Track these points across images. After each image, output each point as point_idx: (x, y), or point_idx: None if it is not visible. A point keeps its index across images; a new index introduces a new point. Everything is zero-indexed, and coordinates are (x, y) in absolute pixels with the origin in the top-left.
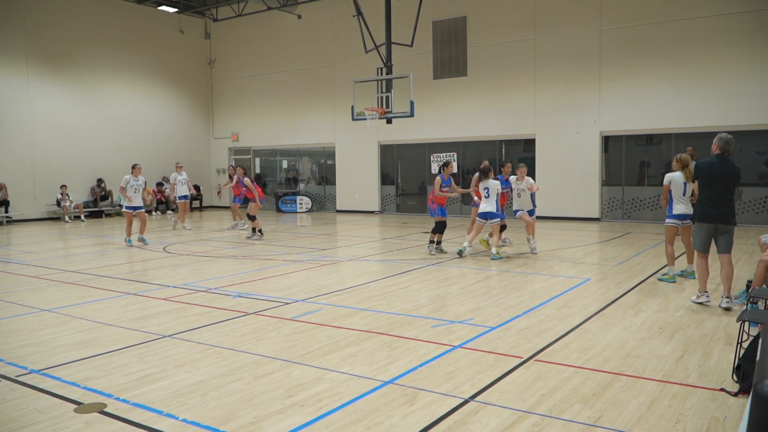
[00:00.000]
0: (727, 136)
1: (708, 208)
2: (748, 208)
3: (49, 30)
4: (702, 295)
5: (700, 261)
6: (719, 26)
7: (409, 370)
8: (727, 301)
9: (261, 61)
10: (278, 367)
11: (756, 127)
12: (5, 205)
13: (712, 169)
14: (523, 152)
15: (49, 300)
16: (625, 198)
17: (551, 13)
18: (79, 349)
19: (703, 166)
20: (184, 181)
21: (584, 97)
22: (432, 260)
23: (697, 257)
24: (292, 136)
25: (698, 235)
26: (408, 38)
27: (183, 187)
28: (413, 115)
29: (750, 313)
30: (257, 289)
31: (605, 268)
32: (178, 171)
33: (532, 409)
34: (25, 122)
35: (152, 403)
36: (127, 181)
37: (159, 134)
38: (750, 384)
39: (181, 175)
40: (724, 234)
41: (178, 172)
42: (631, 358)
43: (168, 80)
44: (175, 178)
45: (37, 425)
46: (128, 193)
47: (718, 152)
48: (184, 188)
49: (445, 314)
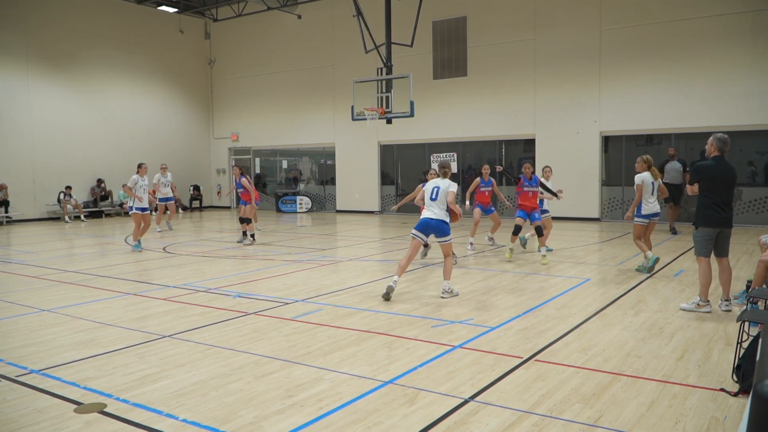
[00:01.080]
0: (724, 137)
1: (713, 212)
2: (748, 208)
3: (49, 30)
4: (705, 304)
5: (704, 267)
6: (719, 26)
7: (409, 370)
8: (727, 304)
9: (261, 61)
10: (278, 367)
11: (756, 127)
12: (5, 205)
13: (714, 172)
14: (523, 152)
15: (49, 300)
16: (625, 198)
17: (551, 13)
18: (79, 349)
19: (706, 169)
20: (167, 183)
21: (584, 97)
22: (432, 260)
23: (701, 263)
24: (292, 136)
25: (702, 241)
26: (408, 38)
27: (165, 189)
28: (413, 115)
29: (750, 313)
30: (257, 289)
31: (605, 268)
32: (162, 172)
33: (532, 409)
34: (25, 122)
35: (152, 403)
36: (135, 181)
37: (159, 134)
38: (750, 384)
39: (165, 177)
40: (725, 238)
41: (162, 173)
42: (631, 358)
43: (168, 80)
44: (158, 180)
45: (37, 425)
46: (137, 193)
47: (717, 154)
48: (166, 190)
49: (445, 314)
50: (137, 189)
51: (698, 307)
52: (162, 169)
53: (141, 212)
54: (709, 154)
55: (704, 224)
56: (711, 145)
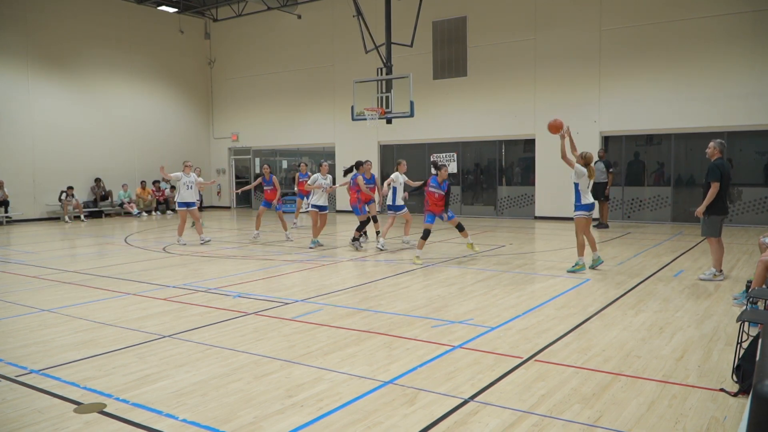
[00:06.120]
0: (723, 141)
1: (724, 203)
2: (748, 208)
3: (49, 30)
4: (719, 274)
5: (716, 245)
6: (719, 26)
7: (409, 370)
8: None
9: (261, 61)
10: (278, 367)
11: (756, 127)
12: (5, 205)
13: (725, 170)
14: (523, 152)
15: (49, 300)
16: (625, 198)
17: (551, 14)
18: (79, 349)
19: (722, 167)
20: (191, 185)
21: (584, 97)
22: (432, 260)
23: (713, 243)
24: (292, 136)
25: (716, 226)
26: (408, 38)
27: (188, 192)
28: (413, 115)
29: (750, 313)
30: (257, 289)
31: (605, 268)
32: (185, 171)
33: (532, 409)
34: (25, 122)
35: (152, 403)
36: (179, 178)
37: (159, 134)
38: (750, 384)
39: (189, 177)
40: (723, 222)
41: (186, 172)
42: (631, 358)
43: (168, 80)
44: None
45: (37, 425)
46: (181, 190)
47: (720, 155)
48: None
49: (445, 314)
50: (181, 186)
51: (715, 277)
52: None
53: (185, 208)
54: (711, 156)
55: (717, 213)
56: (713, 148)
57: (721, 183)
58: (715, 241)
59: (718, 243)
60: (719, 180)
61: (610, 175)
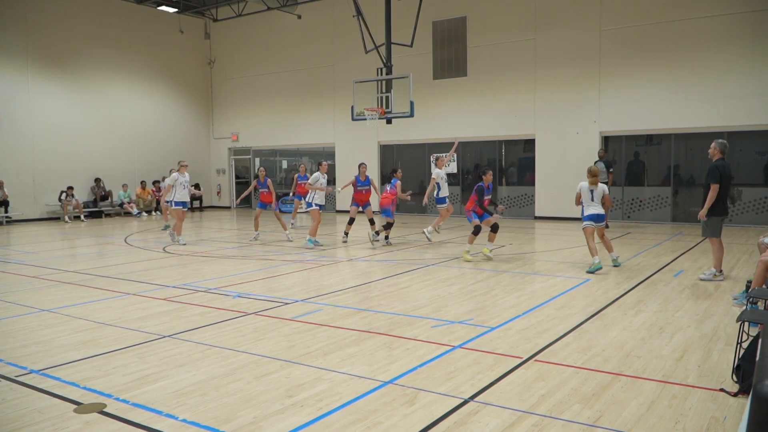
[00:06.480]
0: (725, 141)
1: (724, 203)
2: (748, 208)
3: (49, 30)
4: (719, 274)
5: (717, 245)
6: (719, 26)
7: (409, 371)
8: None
9: (261, 61)
10: (278, 367)
11: (756, 127)
12: (5, 205)
13: (726, 171)
14: (523, 152)
15: (49, 300)
16: (625, 198)
17: (551, 14)
18: (79, 349)
19: (722, 168)
20: (186, 184)
21: (584, 97)
22: (432, 260)
23: (714, 243)
24: (292, 136)
25: (717, 226)
26: (408, 38)
27: (184, 192)
28: (413, 115)
29: (750, 313)
30: (257, 289)
31: (605, 268)
32: (181, 171)
33: (532, 409)
34: (25, 122)
35: (152, 403)
36: (176, 179)
37: (159, 134)
38: (750, 384)
39: (184, 177)
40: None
41: (181, 172)
42: (630, 358)
43: (168, 80)
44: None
45: (37, 425)
46: (177, 189)
47: (720, 156)
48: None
49: (445, 314)
50: (178, 186)
51: (715, 277)
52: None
53: (183, 207)
54: (712, 157)
55: (718, 214)
56: (714, 149)
57: (720, 184)
58: (717, 241)
59: (719, 243)
60: (718, 182)
61: (610, 175)
